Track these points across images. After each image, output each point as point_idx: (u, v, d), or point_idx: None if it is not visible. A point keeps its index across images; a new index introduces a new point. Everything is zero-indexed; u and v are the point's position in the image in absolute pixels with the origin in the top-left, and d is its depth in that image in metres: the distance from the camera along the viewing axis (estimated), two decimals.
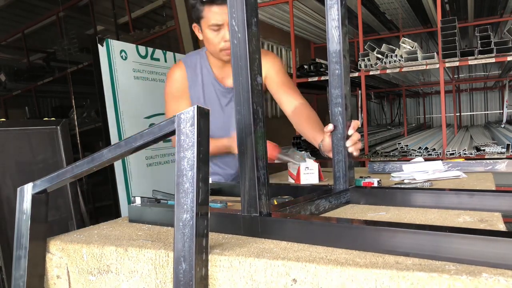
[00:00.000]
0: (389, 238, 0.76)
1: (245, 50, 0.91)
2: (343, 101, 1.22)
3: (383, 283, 0.68)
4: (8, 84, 3.24)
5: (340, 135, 1.23)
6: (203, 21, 1.57)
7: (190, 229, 0.78)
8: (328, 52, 1.23)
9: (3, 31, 3.22)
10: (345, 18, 1.22)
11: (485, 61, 3.73)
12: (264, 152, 0.94)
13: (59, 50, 3.52)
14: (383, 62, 3.95)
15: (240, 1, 0.91)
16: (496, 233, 0.69)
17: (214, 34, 1.57)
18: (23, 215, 1.01)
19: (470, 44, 8.39)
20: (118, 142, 0.91)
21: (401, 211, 1.10)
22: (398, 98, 10.31)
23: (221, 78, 1.71)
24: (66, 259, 1.03)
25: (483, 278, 0.63)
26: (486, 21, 6.35)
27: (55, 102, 3.75)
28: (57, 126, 2.42)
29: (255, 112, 0.92)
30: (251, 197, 0.93)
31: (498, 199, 1.03)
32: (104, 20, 4.04)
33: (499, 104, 10.18)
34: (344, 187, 1.24)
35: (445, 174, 1.59)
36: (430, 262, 0.71)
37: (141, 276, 0.92)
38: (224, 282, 0.82)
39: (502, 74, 6.91)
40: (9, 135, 2.20)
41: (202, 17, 1.56)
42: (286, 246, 0.86)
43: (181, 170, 0.80)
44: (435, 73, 6.31)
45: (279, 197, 1.31)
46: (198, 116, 0.79)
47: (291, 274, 0.76)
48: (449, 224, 0.94)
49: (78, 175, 0.99)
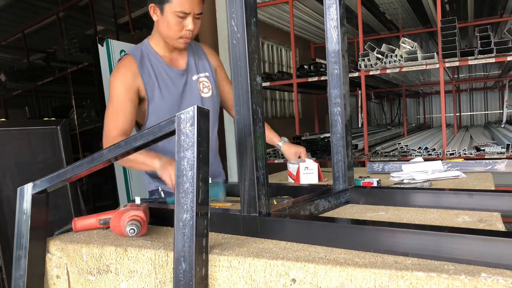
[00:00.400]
0: (388, 238, 0.77)
1: (244, 50, 0.91)
2: (342, 101, 1.22)
3: (382, 282, 0.68)
4: (8, 84, 3.24)
5: (340, 135, 1.23)
6: (168, 5, 1.54)
7: (190, 229, 0.78)
8: (327, 52, 1.23)
9: (3, 31, 3.22)
10: (343, 17, 1.22)
11: (485, 61, 3.73)
12: (263, 152, 0.94)
13: (59, 50, 3.53)
14: (383, 62, 3.95)
15: (240, 1, 0.91)
16: (495, 233, 0.69)
17: (178, 20, 1.55)
18: (23, 215, 1.02)
19: (470, 44, 8.40)
20: (118, 142, 0.92)
21: (401, 211, 1.10)
22: (398, 98, 10.31)
23: (170, 62, 1.68)
24: (65, 259, 1.03)
25: (482, 278, 0.63)
26: (486, 21, 6.35)
27: (55, 102, 3.75)
28: (57, 126, 2.42)
29: (255, 112, 0.92)
30: (250, 197, 0.93)
31: (498, 199, 1.03)
32: (104, 20, 4.04)
33: (499, 104, 10.18)
34: (344, 187, 1.24)
35: (444, 174, 1.59)
36: (429, 262, 0.71)
37: (140, 276, 0.92)
38: (224, 282, 0.83)
39: (502, 74, 6.91)
40: (9, 135, 2.20)
41: (169, 1, 1.53)
42: (285, 246, 0.86)
43: (181, 170, 0.80)
44: (435, 73, 6.30)
45: (278, 197, 1.32)
46: (198, 116, 0.80)
47: (290, 274, 0.76)
48: (449, 224, 0.94)
49: (78, 175, 0.99)
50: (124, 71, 1.59)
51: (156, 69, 1.64)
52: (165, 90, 1.63)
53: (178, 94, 1.66)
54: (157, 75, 1.63)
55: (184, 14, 1.54)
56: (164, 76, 1.64)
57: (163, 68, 1.65)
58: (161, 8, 1.56)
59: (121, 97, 1.56)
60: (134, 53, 1.63)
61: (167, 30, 1.59)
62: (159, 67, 1.64)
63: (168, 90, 1.64)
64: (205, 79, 1.73)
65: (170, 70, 1.66)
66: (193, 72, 1.71)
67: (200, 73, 1.73)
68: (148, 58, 1.64)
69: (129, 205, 1.07)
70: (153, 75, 1.62)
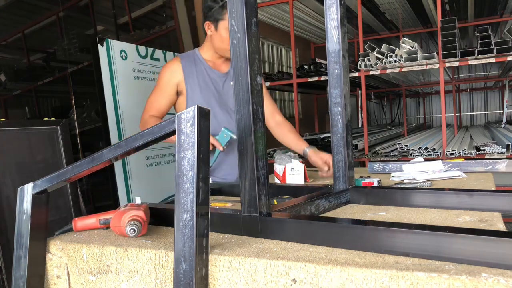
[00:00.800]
0: (389, 238, 0.77)
1: (244, 50, 0.91)
2: (343, 101, 1.22)
3: (383, 283, 0.68)
4: (8, 84, 3.24)
5: (340, 135, 1.23)
6: (222, 23, 1.81)
7: (190, 229, 0.78)
8: (328, 52, 1.23)
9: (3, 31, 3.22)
10: (344, 17, 1.22)
11: (485, 61, 3.73)
12: (264, 152, 0.94)
13: (59, 50, 3.52)
14: (383, 62, 3.95)
15: (240, 1, 0.91)
16: (495, 233, 0.69)
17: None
18: (23, 215, 1.02)
19: (470, 44, 8.39)
20: (118, 142, 0.91)
21: (401, 211, 1.10)
22: (398, 98, 10.31)
23: (214, 66, 1.97)
24: (66, 259, 1.03)
25: (482, 278, 0.63)
26: (486, 21, 6.35)
27: (55, 102, 3.75)
28: (57, 126, 2.42)
29: (255, 112, 0.92)
30: (251, 197, 0.93)
31: (498, 199, 1.03)
32: (104, 20, 4.03)
33: (499, 104, 10.18)
34: (344, 187, 1.24)
35: (445, 174, 1.59)
36: (430, 262, 0.71)
37: (141, 276, 0.92)
38: (224, 282, 0.82)
39: (502, 74, 6.91)
40: (9, 135, 2.20)
41: (223, 19, 1.81)
42: (286, 246, 0.86)
43: (181, 170, 0.80)
44: (435, 73, 6.31)
45: (278, 197, 1.32)
46: (198, 116, 0.79)
47: (291, 274, 0.76)
48: (449, 224, 0.94)
49: (78, 175, 0.99)
50: (168, 65, 1.94)
51: (198, 68, 1.93)
52: (204, 86, 1.91)
53: (217, 92, 1.93)
54: (198, 73, 1.92)
55: None
56: (205, 75, 1.93)
57: (205, 69, 1.94)
58: (215, 25, 1.84)
59: (162, 86, 1.92)
60: (182, 55, 1.99)
61: (220, 43, 1.86)
62: (202, 68, 1.94)
63: (207, 86, 1.92)
64: None
65: (211, 71, 1.94)
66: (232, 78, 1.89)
67: None
68: (194, 60, 1.94)
69: (129, 205, 1.07)
70: (194, 73, 1.91)
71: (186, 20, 4.61)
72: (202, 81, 1.92)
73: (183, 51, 4.41)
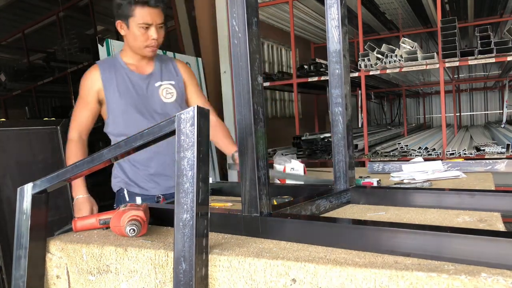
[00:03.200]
0: (388, 238, 0.77)
1: (245, 50, 0.91)
2: (343, 101, 1.22)
3: (382, 283, 0.68)
4: (8, 84, 3.24)
5: (341, 135, 1.23)
6: (132, 19, 1.73)
7: (190, 229, 0.78)
8: (328, 52, 1.23)
9: (3, 31, 3.22)
10: (345, 17, 1.22)
11: (485, 61, 3.73)
12: (264, 152, 0.94)
13: (59, 50, 3.52)
14: (383, 62, 3.95)
15: (241, 1, 0.91)
16: (495, 233, 0.69)
17: (142, 31, 1.74)
18: (23, 215, 1.02)
19: (470, 44, 8.39)
20: (118, 142, 0.92)
21: (401, 211, 1.10)
22: (398, 98, 10.30)
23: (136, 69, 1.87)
24: (65, 259, 1.03)
25: (482, 278, 0.63)
26: (486, 21, 6.35)
27: (55, 102, 3.75)
28: (57, 126, 2.42)
29: (256, 112, 0.92)
30: (251, 197, 0.93)
31: (498, 199, 1.03)
32: (104, 20, 4.03)
33: (499, 104, 10.17)
34: (345, 187, 1.24)
35: (444, 174, 1.59)
36: (429, 262, 0.71)
37: (140, 276, 0.92)
38: (224, 282, 0.82)
39: (502, 74, 6.90)
40: (9, 135, 2.20)
41: (132, 15, 1.72)
42: (285, 246, 0.86)
43: (181, 170, 0.80)
44: (435, 73, 6.30)
45: (279, 197, 1.31)
46: (198, 116, 0.80)
47: (290, 274, 0.76)
48: (449, 224, 0.94)
49: (78, 175, 0.99)
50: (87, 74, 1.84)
51: (118, 74, 1.83)
52: (124, 91, 1.81)
53: (138, 96, 1.83)
54: (117, 79, 1.82)
55: (147, 25, 1.73)
56: (125, 79, 1.83)
57: (126, 73, 1.84)
58: (126, 23, 1.75)
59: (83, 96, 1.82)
60: (100, 62, 1.90)
61: (134, 41, 1.78)
62: (122, 72, 1.84)
63: (127, 91, 1.82)
64: (169, 86, 1.90)
65: (132, 74, 1.85)
66: (157, 79, 1.89)
67: (164, 81, 1.89)
68: (114, 66, 1.85)
69: (129, 205, 1.07)
70: (114, 78, 1.82)
71: (186, 20, 4.61)
72: (122, 86, 1.82)
73: (183, 51, 4.41)
